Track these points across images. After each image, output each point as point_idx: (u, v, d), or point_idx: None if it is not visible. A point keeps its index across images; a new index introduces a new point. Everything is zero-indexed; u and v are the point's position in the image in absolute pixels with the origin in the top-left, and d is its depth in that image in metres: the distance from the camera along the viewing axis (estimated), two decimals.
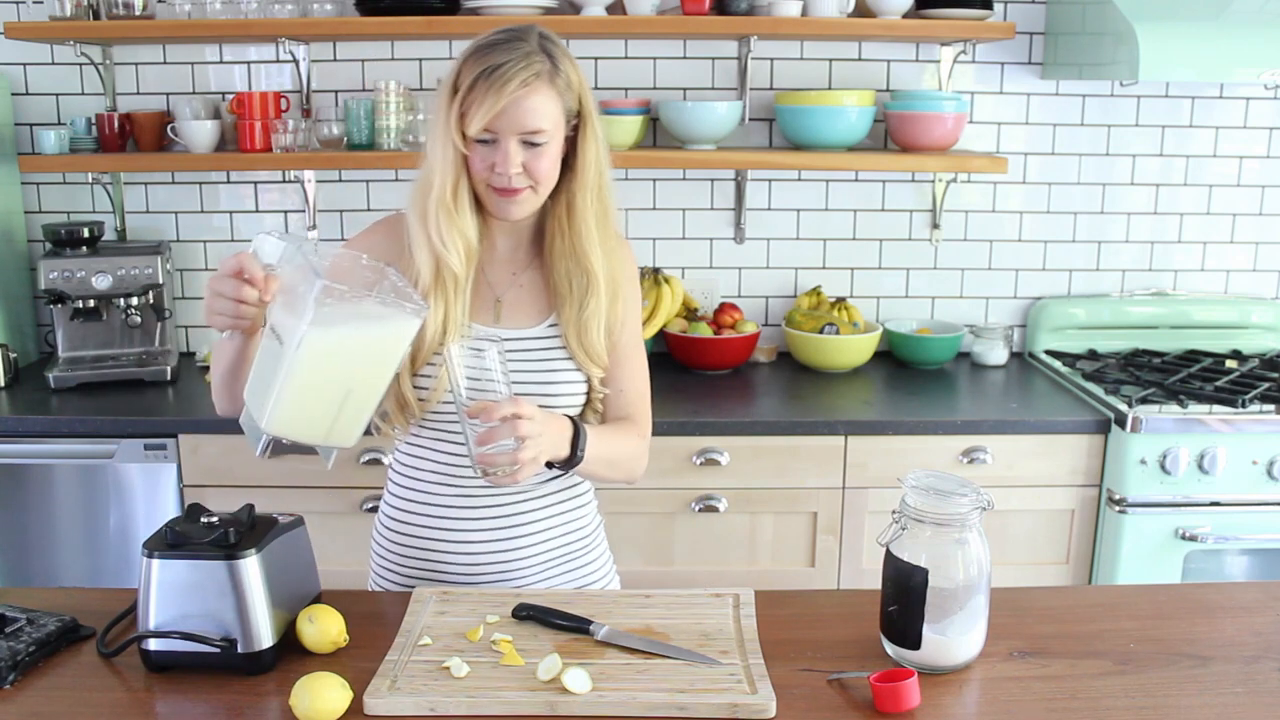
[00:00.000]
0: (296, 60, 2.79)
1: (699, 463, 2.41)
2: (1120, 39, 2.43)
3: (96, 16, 2.58)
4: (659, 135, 2.84)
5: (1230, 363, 2.75)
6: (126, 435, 2.40)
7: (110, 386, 2.62)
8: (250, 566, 1.24)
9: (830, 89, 2.84)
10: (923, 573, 1.22)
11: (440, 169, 1.42)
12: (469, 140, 1.40)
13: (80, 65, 2.78)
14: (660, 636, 1.31)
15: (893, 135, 2.76)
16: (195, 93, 2.83)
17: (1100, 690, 1.22)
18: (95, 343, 2.72)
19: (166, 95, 2.84)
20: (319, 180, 2.87)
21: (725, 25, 2.55)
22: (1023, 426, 2.43)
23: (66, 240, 2.65)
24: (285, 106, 2.72)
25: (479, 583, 1.54)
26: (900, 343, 2.88)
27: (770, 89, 2.87)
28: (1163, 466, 2.37)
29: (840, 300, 2.92)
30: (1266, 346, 2.95)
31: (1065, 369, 2.77)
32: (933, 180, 2.92)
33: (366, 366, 1.26)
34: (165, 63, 2.83)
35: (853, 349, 2.77)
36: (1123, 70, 2.44)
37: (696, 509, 2.43)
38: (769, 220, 2.95)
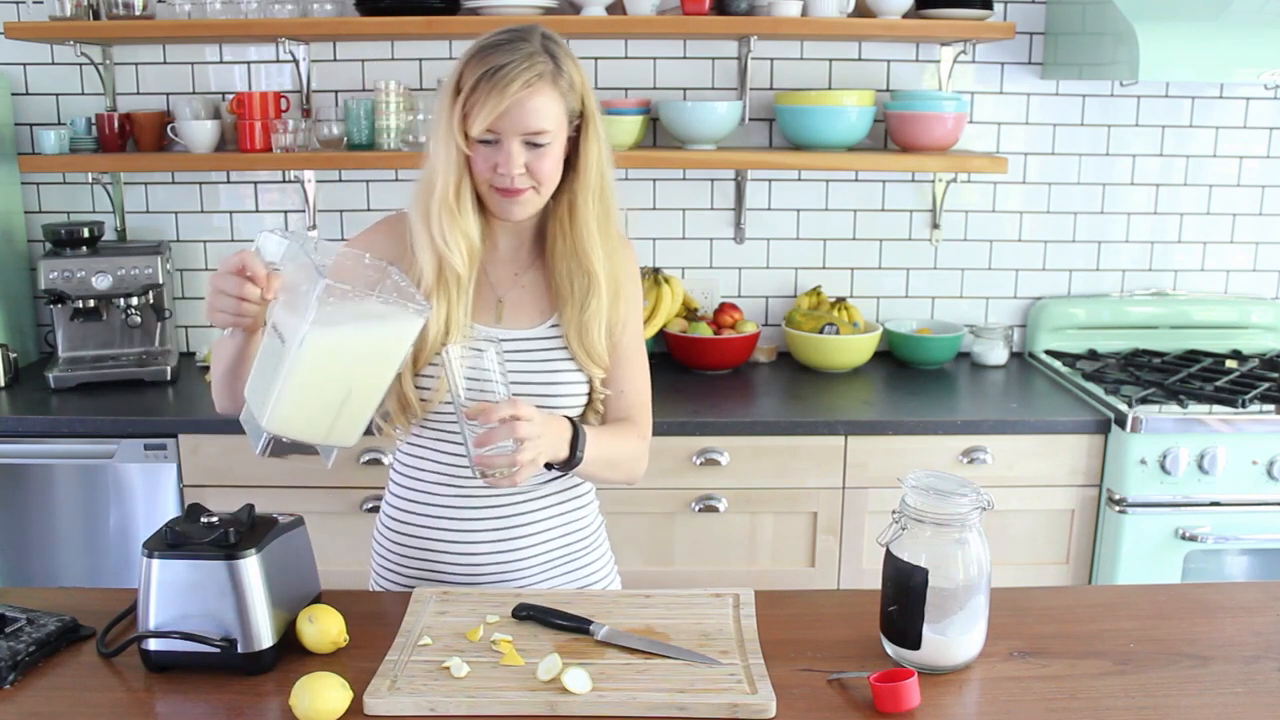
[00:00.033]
0: (296, 60, 2.79)
1: (699, 463, 2.41)
2: (1120, 39, 2.43)
3: (96, 16, 2.58)
4: (659, 135, 2.84)
5: (1230, 363, 2.75)
6: (126, 435, 2.40)
7: (110, 386, 2.62)
8: (250, 566, 1.24)
9: (830, 89, 2.84)
10: (923, 573, 1.22)
11: (443, 169, 1.42)
12: (471, 141, 1.40)
13: (80, 65, 2.78)
14: (660, 636, 1.31)
15: (893, 135, 2.76)
16: (195, 93, 2.83)
17: (1100, 690, 1.22)
18: (95, 343, 2.72)
19: (166, 95, 2.84)
20: (319, 180, 2.88)
21: (725, 25, 2.55)
22: (1023, 426, 2.43)
23: (66, 240, 2.65)
24: (285, 106, 2.72)
25: (480, 583, 1.54)
26: (900, 343, 2.88)
27: (770, 89, 2.87)
28: (1163, 466, 2.37)
29: (840, 300, 2.92)
30: (1266, 346, 2.95)
31: (1065, 369, 2.77)
32: (933, 180, 2.92)
33: (368, 366, 1.26)
34: (165, 63, 2.83)
35: (853, 349, 2.77)
36: (1123, 70, 2.44)
37: (696, 509, 2.43)
38: (769, 220, 2.95)
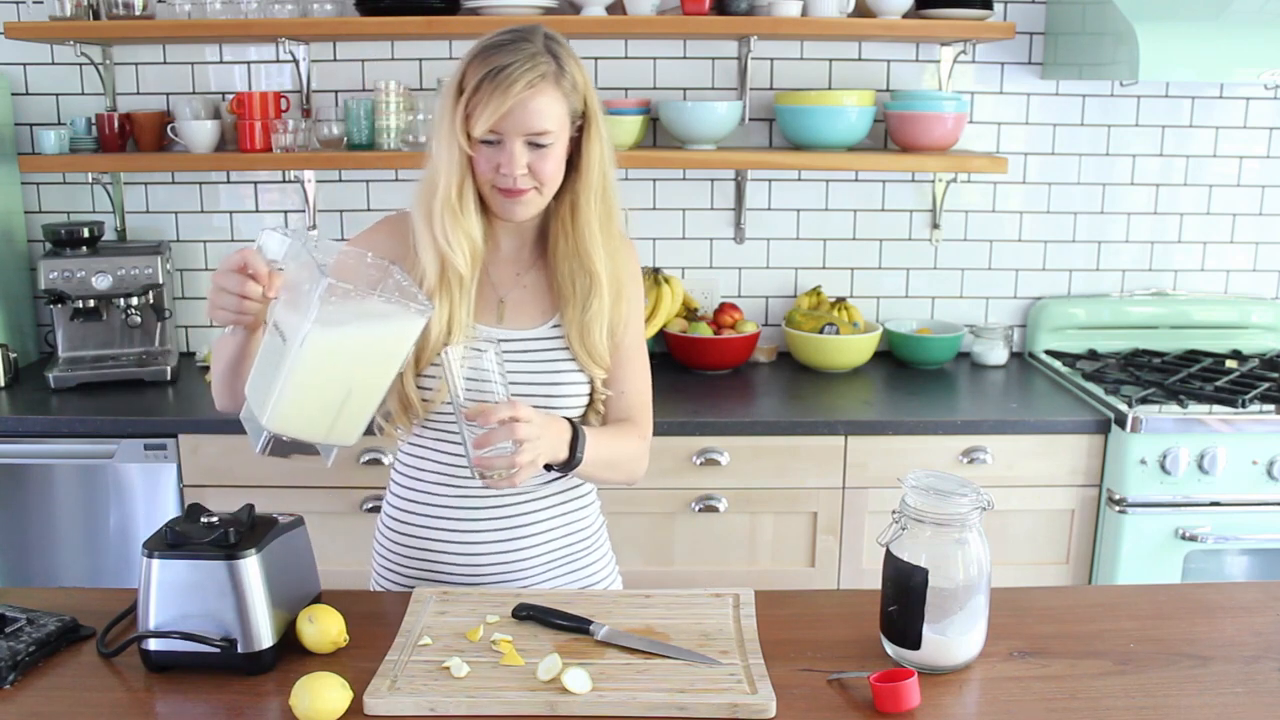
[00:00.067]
0: (296, 60, 2.78)
1: (699, 463, 2.41)
2: (1120, 39, 2.43)
3: (96, 16, 2.58)
4: (659, 135, 2.84)
5: (1230, 363, 2.75)
6: (126, 435, 2.40)
7: (110, 386, 2.62)
8: (250, 566, 1.24)
9: (830, 89, 2.84)
10: (923, 573, 1.22)
11: (445, 169, 1.42)
12: (474, 141, 1.40)
13: (80, 65, 2.78)
14: (660, 636, 1.31)
15: (893, 135, 2.76)
16: (195, 93, 2.83)
17: (1100, 690, 1.22)
18: (95, 343, 2.72)
19: (166, 95, 2.84)
20: (319, 180, 2.87)
21: (725, 25, 2.55)
22: (1023, 426, 2.43)
23: (66, 240, 2.65)
24: (285, 106, 2.71)
25: (482, 583, 1.54)
26: (900, 343, 2.88)
27: (770, 89, 2.87)
28: (1163, 466, 2.37)
29: (840, 300, 2.92)
30: (1266, 346, 2.94)
31: (1065, 369, 2.77)
32: (933, 180, 2.92)
33: (369, 365, 1.25)
34: (165, 63, 2.83)
35: (853, 349, 2.77)
36: (1123, 70, 2.44)
37: (696, 509, 2.43)
38: (769, 220, 2.95)
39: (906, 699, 1.16)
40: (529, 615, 1.35)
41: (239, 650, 1.23)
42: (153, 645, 1.23)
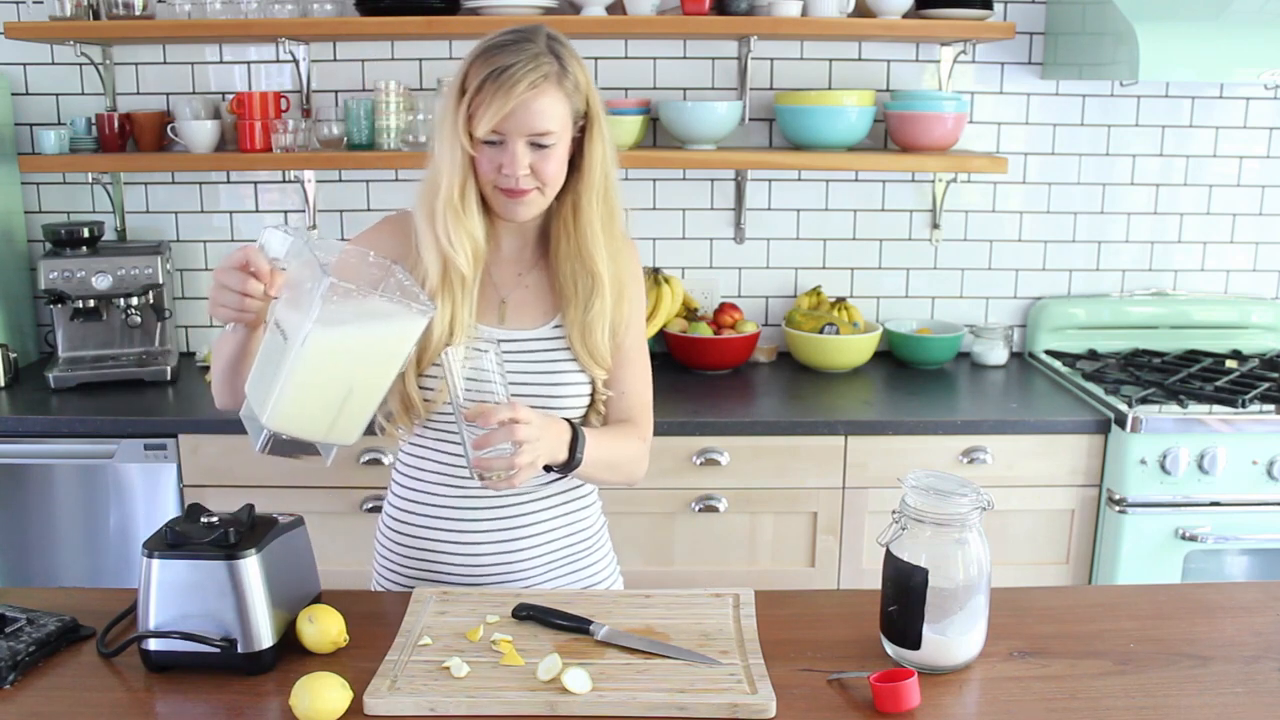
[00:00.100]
0: (296, 60, 2.78)
1: (699, 463, 2.41)
2: (1120, 39, 2.43)
3: (96, 16, 2.58)
4: (659, 135, 2.84)
5: (1230, 363, 2.75)
6: (126, 435, 2.40)
7: (110, 386, 2.62)
8: (250, 566, 1.24)
9: (830, 89, 2.84)
10: (923, 573, 1.22)
11: (447, 170, 1.42)
12: (476, 141, 1.40)
13: (80, 65, 2.78)
14: (660, 636, 1.31)
15: (893, 135, 2.75)
16: (195, 93, 2.83)
17: (1100, 690, 1.22)
18: (95, 343, 2.72)
19: (166, 95, 2.84)
20: (319, 180, 2.87)
21: (725, 25, 2.55)
22: (1023, 426, 2.43)
23: (66, 240, 2.65)
24: (285, 106, 2.71)
25: (482, 583, 1.54)
26: (900, 343, 2.88)
27: (770, 89, 2.87)
28: (1163, 466, 2.37)
29: (840, 300, 2.92)
30: (1266, 346, 2.94)
31: (1065, 369, 2.77)
32: (933, 180, 2.92)
33: (370, 365, 1.25)
34: (165, 63, 2.83)
35: (853, 349, 2.77)
36: (1123, 70, 2.44)
37: (696, 509, 2.43)
38: (769, 220, 2.95)
39: (906, 699, 1.16)
40: (529, 615, 1.35)
41: (239, 650, 1.23)
42: (153, 645, 1.23)
